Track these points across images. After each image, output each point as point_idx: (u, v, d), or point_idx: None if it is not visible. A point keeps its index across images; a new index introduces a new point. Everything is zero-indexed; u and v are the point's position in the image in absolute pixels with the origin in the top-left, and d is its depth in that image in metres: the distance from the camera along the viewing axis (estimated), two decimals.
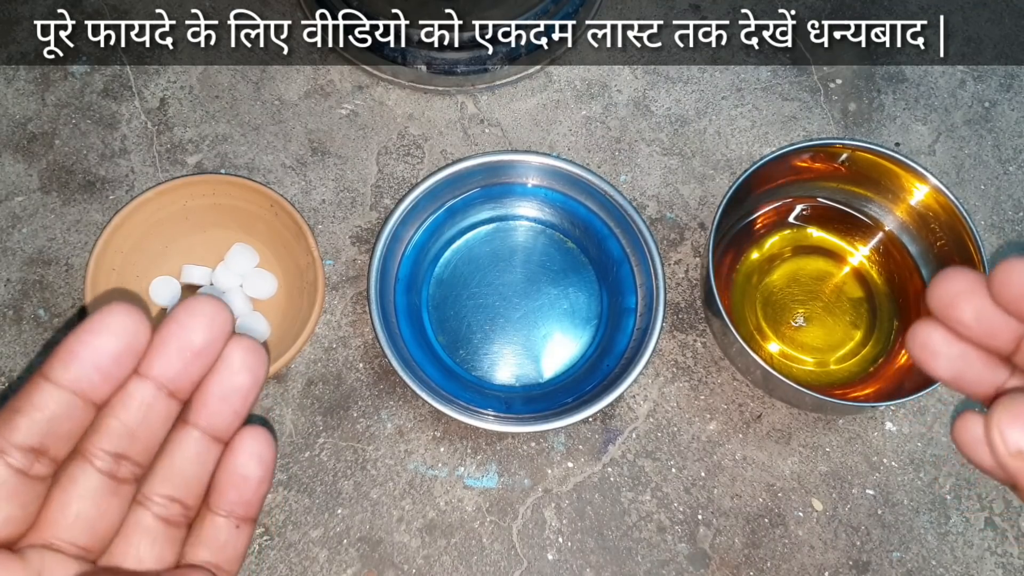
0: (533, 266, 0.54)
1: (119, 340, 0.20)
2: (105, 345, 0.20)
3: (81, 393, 0.21)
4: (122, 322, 0.20)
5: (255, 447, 0.23)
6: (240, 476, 0.23)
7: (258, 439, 0.23)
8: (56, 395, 0.20)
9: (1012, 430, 0.20)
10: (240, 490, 0.23)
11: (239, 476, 0.23)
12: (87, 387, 0.21)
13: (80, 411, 0.21)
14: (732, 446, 0.51)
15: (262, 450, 0.23)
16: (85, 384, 0.20)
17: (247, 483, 0.23)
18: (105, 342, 0.20)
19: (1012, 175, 0.58)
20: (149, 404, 0.21)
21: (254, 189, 0.51)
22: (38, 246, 0.54)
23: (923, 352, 0.23)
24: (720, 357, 0.52)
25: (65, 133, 0.56)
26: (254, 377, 0.23)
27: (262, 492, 0.24)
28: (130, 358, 0.21)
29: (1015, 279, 0.21)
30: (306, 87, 0.58)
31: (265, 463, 0.23)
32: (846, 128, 0.58)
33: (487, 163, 0.52)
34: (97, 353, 0.20)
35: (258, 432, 0.23)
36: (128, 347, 0.21)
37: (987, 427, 0.20)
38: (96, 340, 0.20)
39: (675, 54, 0.60)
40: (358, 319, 0.53)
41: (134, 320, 0.21)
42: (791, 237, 0.55)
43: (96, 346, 0.20)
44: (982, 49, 0.61)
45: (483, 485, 0.49)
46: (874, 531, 0.49)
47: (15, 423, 0.20)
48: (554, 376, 0.52)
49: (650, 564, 0.48)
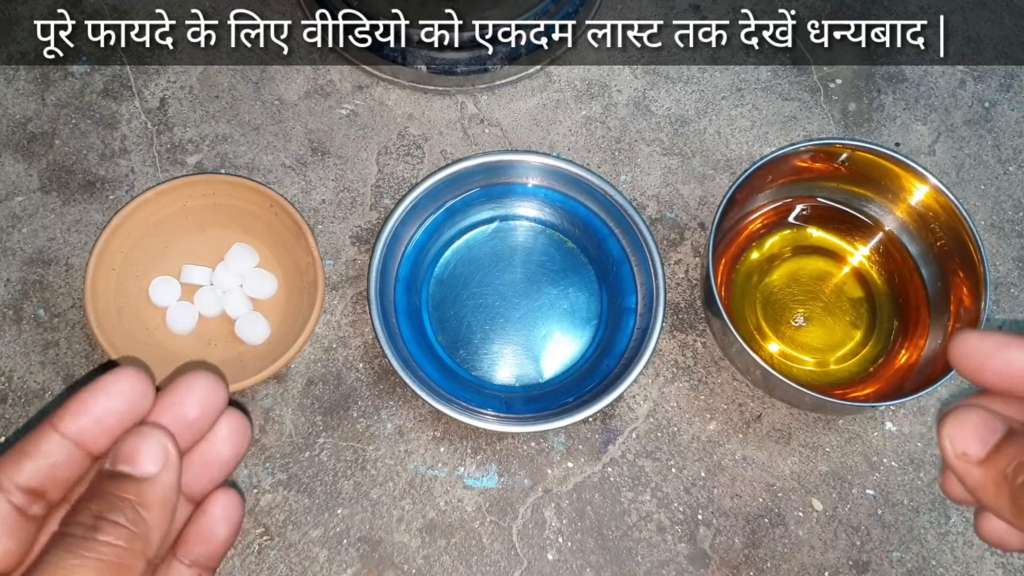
0: (533, 266, 0.54)
1: (125, 402, 0.23)
2: (112, 405, 0.23)
3: (83, 445, 0.23)
4: (130, 386, 0.23)
5: (226, 510, 0.25)
6: (209, 534, 0.25)
7: (229, 503, 0.25)
8: (61, 445, 0.22)
9: (956, 435, 0.23)
10: (208, 546, 0.25)
11: (208, 534, 0.25)
12: (89, 440, 0.23)
13: (79, 462, 0.23)
14: (732, 446, 0.51)
15: (231, 513, 0.25)
16: (88, 437, 0.23)
17: (215, 540, 0.25)
18: (112, 402, 0.23)
19: (1012, 175, 0.58)
20: None
21: (254, 189, 0.51)
22: (38, 246, 0.54)
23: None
24: (720, 357, 0.52)
25: (65, 133, 0.56)
26: (237, 452, 0.25)
27: (227, 547, 0.26)
28: (131, 419, 0.23)
29: (970, 351, 0.24)
30: (306, 87, 0.58)
31: (233, 524, 0.25)
32: (846, 128, 0.58)
33: (487, 163, 0.52)
34: (104, 411, 0.23)
35: (229, 496, 0.25)
36: (131, 409, 0.23)
37: (939, 435, 0.24)
38: (105, 400, 0.23)
39: (675, 54, 0.60)
40: (358, 319, 0.53)
41: (141, 386, 0.23)
42: (791, 237, 0.55)
43: (104, 405, 0.23)
44: (982, 49, 0.61)
45: (483, 485, 0.49)
46: (874, 531, 0.49)
47: (21, 465, 0.22)
48: (554, 376, 0.52)
49: (650, 564, 0.48)
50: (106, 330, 0.48)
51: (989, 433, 0.23)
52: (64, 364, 0.51)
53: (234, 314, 0.51)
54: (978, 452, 0.23)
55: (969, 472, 0.23)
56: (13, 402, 0.50)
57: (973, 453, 0.23)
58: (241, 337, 0.51)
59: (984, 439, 0.23)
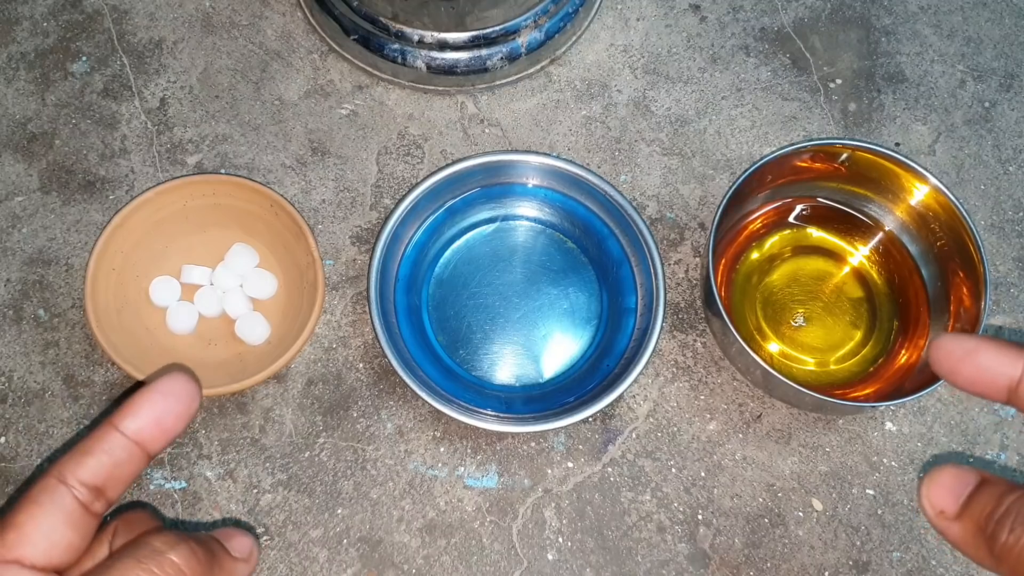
0: (533, 266, 0.54)
1: (180, 403, 0.24)
2: (169, 406, 0.24)
3: (142, 444, 0.24)
4: (183, 388, 0.25)
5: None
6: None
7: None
8: (121, 443, 0.24)
9: (932, 495, 0.24)
10: None
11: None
12: (148, 439, 0.24)
13: (138, 460, 0.24)
14: (732, 446, 0.51)
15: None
16: (146, 437, 0.24)
17: None
18: (169, 403, 0.24)
19: (1012, 175, 0.58)
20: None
21: (254, 189, 0.51)
22: (38, 246, 0.54)
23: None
24: (720, 357, 0.52)
25: (65, 133, 0.56)
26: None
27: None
28: (185, 420, 0.25)
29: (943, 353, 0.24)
30: (306, 87, 0.58)
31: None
32: (846, 128, 0.58)
33: (487, 163, 0.52)
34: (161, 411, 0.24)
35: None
36: (185, 410, 0.25)
37: (918, 496, 0.24)
38: (162, 401, 0.24)
39: (675, 54, 0.60)
40: (358, 319, 0.53)
41: (192, 387, 0.25)
42: (791, 237, 0.55)
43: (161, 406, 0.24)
44: (982, 49, 0.61)
45: (483, 485, 0.49)
46: (874, 531, 0.49)
47: (85, 462, 0.23)
48: (554, 376, 0.52)
49: (650, 564, 0.48)
50: (106, 330, 0.48)
51: (962, 487, 0.23)
52: (64, 364, 0.51)
53: (234, 314, 0.51)
54: (953, 508, 0.23)
55: (949, 528, 0.23)
56: (13, 402, 0.50)
57: (949, 510, 0.23)
58: (241, 337, 0.51)
59: (957, 494, 0.23)
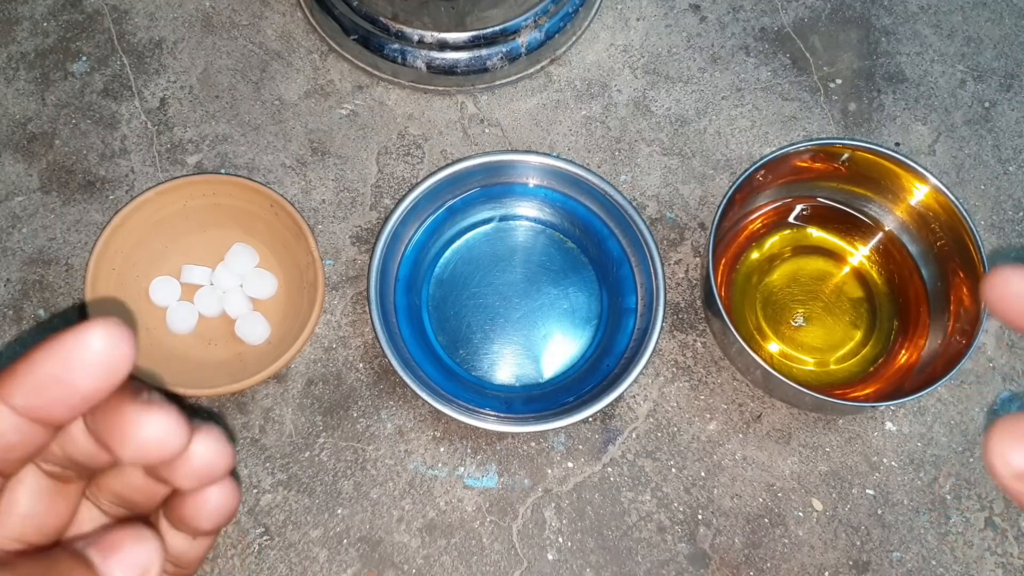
0: (533, 266, 0.54)
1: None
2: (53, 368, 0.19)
3: (37, 419, 0.19)
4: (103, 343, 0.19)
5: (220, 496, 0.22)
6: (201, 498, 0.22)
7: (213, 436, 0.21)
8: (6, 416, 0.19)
9: (1009, 452, 0.19)
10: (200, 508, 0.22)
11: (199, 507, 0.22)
12: (35, 407, 0.19)
13: (32, 434, 0.19)
14: (732, 446, 0.51)
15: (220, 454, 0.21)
16: (33, 404, 0.19)
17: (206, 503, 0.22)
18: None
19: (1012, 175, 0.58)
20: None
21: (254, 189, 0.51)
22: (38, 246, 0.54)
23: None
24: (720, 357, 0.52)
25: (65, 133, 0.56)
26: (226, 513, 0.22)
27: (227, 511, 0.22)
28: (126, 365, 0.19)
29: (1007, 292, 0.21)
30: (306, 87, 0.58)
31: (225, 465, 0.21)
32: (846, 128, 0.58)
33: (487, 163, 0.52)
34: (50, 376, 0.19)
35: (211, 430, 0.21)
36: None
37: (987, 451, 0.19)
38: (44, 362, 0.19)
39: (675, 54, 0.60)
40: (358, 319, 0.53)
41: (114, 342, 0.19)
42: (791, 237, 0.55)
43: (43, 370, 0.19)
44: (982, 49, 0.61)
45: (483, 485, 0.49)
46: (874, 531, 0.49)
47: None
48: (554, 376, 0.52)
49: (650, 564, 0.48)
50: None
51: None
52: None
53: (234, 314, 0.51)
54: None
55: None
56: None
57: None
58: (241, 337, 0.51)
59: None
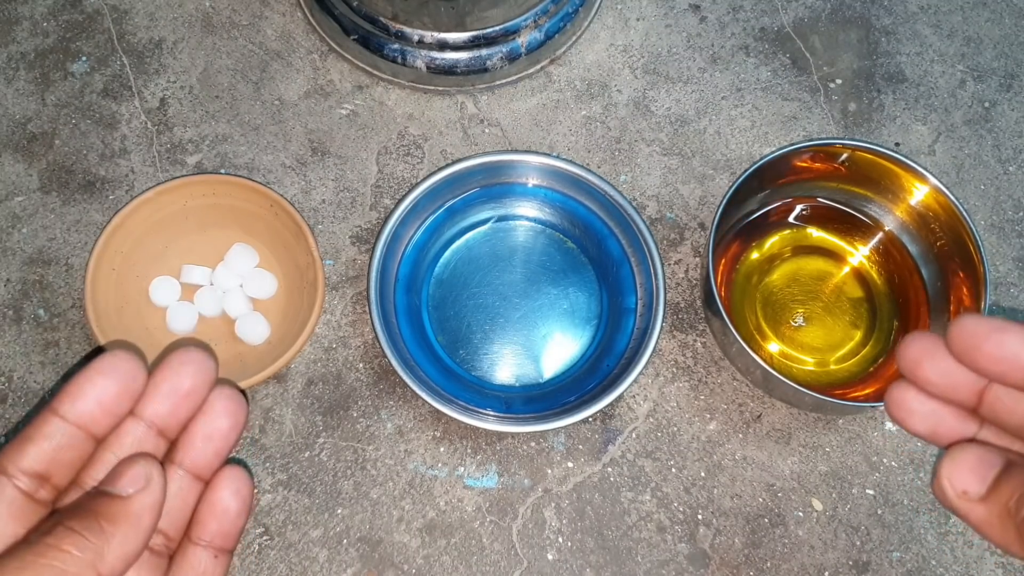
0: (533, 266, 0.54)
1: (119, 382, 0.24)
2: (107, 386, 0.23)
3: (84, 427, 0.23)
4: (123, 366, 0.24)
5: (234, 483, 0.26)
6: (221, 509, 0.26)
7: (237, 476, 0.26)
8: (62, 428, 0.23)
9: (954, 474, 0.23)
10: (220, 522, 0.26)
11: (220, 509, 0.26)
12: (89, 422, 0.23)
13: (82, 443, 0.24)
14: (732, 446, 0.51)
15: (240, 486, 0.26)
16: (88, 419, 0.23)
17: (227, 516, 0.26)
18: (108, 383, 0.23)
19: (1012, 175, 0.58)
20: (140, 440, 0.25)
21: (254, 189, 0.51)
22: (38, 246, 0.54)
23: (899, 411, 0.26)
24: (720, 357, 0.52)
25: (65, 133, 0.56)
26: (234, 421, 0.26)
27: (240, 525, 0.26)
28: (128, 398, 0.24)
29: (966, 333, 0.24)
30: (306, 87, 0.58)
31: (243, 498, 0.26)
32: (846, 128, 0.58)
33: (487, 163, 0.52)
34: (100, 392, 0.23)
35: (237, 470, 0.26)
36: (126, 389, 0.24)
37: (937, 477, 0.23)
38: (101, 381, 0.23)
39: (675, 54, 0.60)
40: (358, 319, 0.53)
41: (132, 365, 0.24)
42: (791, 237, 0.55)
43: (100, 386, 0.23)
44: (982, 49, 0.61)
45: (483, 485, 0.49)
46: (874, 531, 0.49)
47: (25, 450, 0.23)
48: (554, 376, 0.52)
49: (650, 564, 0.48)
50: (106, 330, 0.48)
51: (987, 469, 0.22)
52: (64, 364, 0.51)
53: (234, 314, 0.51)
54: (978, 489, 0.22)
55: (972, 510, 0.22)
56: (13, 402, 0.50)
57: (973, 491, 0.22)
58: (241, 337, 0.51)
59: (982, 476, 0.22)
